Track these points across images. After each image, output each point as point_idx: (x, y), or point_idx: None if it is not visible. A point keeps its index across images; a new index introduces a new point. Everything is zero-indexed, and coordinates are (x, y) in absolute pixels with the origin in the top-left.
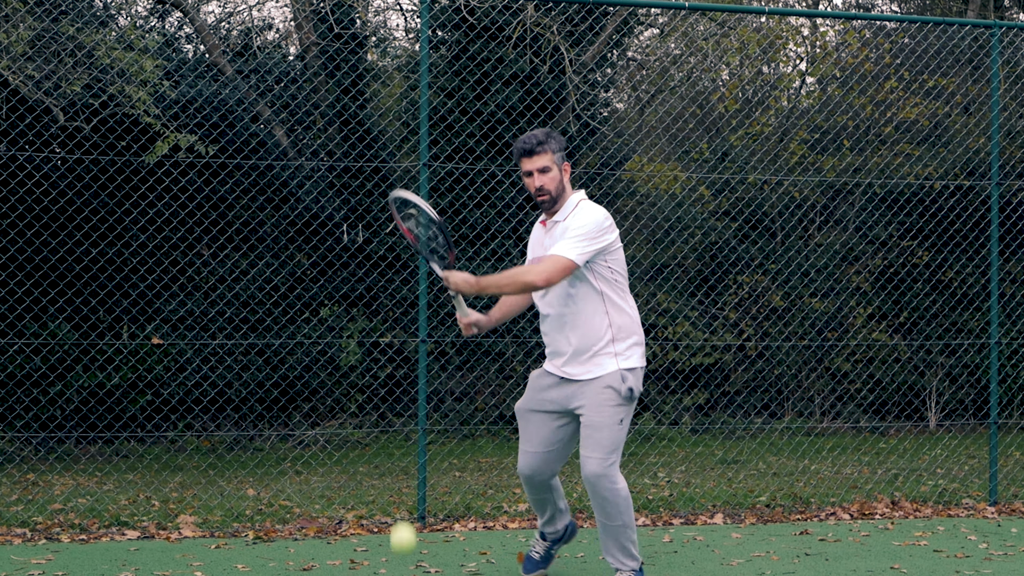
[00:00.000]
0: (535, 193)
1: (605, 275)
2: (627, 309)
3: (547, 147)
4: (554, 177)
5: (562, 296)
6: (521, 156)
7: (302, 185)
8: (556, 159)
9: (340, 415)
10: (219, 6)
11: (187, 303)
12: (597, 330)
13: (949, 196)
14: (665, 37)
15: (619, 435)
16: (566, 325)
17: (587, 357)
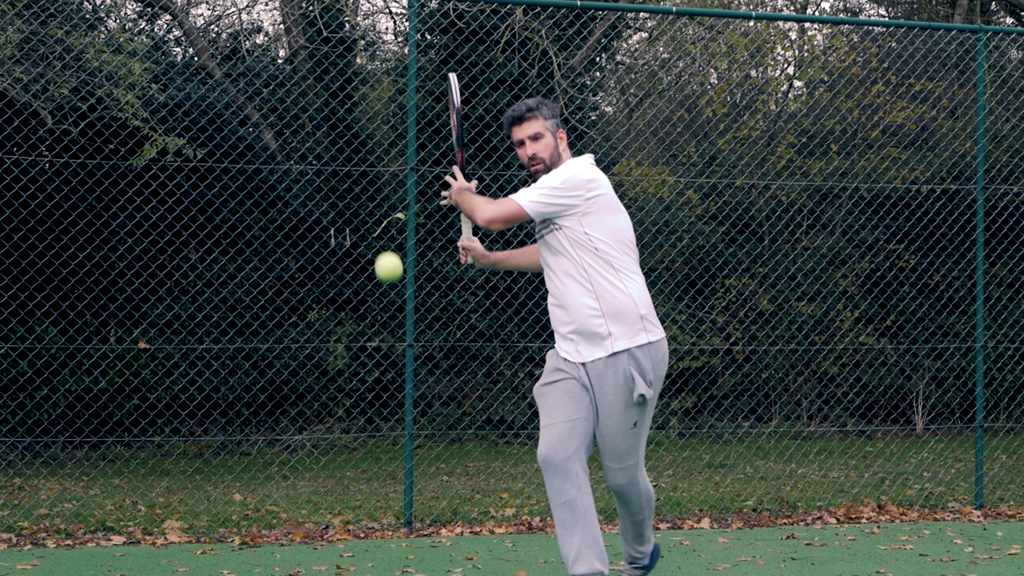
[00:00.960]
0: (528, 162)
1: (583, 243)
2: (622, 288)
3: (538, 112)
4: (548, 144)
5: (547, 267)
6: (511, 125)
7: (290, 189)
8: (549, 125)
9: (328, 419)
10: (208, 9)
11: (174, 307)
12: (585, 310)
13: (935, 200)
14: (653, 41)
15: (635, 439)
16: (555, 300)
17: (582, 337)
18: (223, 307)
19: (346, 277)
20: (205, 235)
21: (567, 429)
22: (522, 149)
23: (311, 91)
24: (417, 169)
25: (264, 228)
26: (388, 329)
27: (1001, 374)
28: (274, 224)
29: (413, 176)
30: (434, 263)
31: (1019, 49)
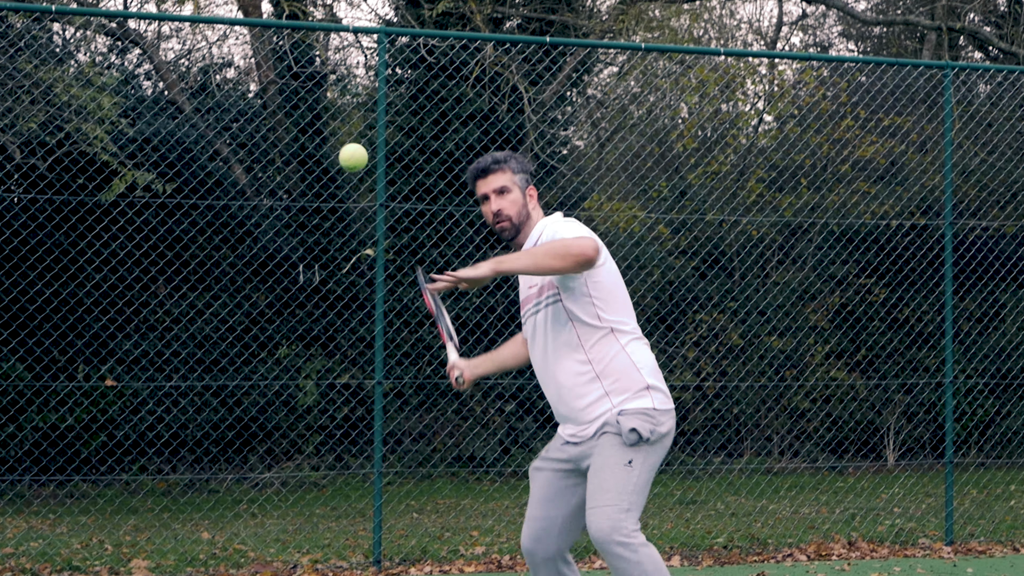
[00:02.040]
0: (492, 219)
1: (586, 310)
2: (624, 352)
3: (505, 165)
4: (515, 200)
5: (541, 347)
6: (475, 178)
7: (259, 224)
8: (518, 180)
9: (297, 456)
10: (179, 43)
11: (142, 343)
12: (581, 380)
13: (905, 234)
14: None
15: (628, 479)
16: (552, 384)
17: (583, 420)
18: (191, 343)
19: (315, 313)
20: (174, 271)
21: (546, 528)
22: (486, 205)
23: (281, 126)
24: (386, 205)
25: (233, 264)
26: (358, 365)
27: (971, 408)
28: (243, 260)
29: (383, 212)
30: (404, 299)
31: (987, 83)
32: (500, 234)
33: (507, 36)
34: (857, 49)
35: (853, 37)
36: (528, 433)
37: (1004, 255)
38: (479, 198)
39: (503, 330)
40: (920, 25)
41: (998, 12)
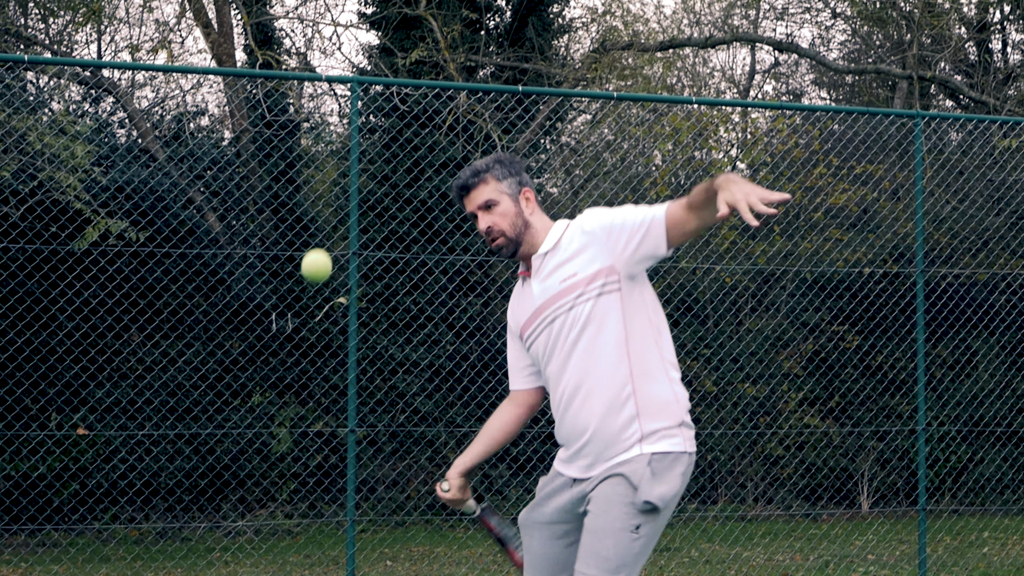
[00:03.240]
0: (485, 238)
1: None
2: (665, 373)
3: (488, 175)
4: (506, 211)
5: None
6: (459, 197)
7: (233, 272)
8: (505, 188)
9: (270, 504)
10: (152, 91)
11: (114, 392)
12: (618, 395)
13: (877, 282)
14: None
15: (631, 548)
16: (577, 398)
17: (602, 444)
18: (164, 391)
19: (288, 361)
20: (147, 319)
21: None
22: (477, 222)
23: (254, 174)
24: (359, 253)
25: (206, 312)
26: (331, 413)
27: (945, 455)
28: (216, 308)
29: (355, 260)
30: (377, 347)
31: (958, 132)
32: (497, 252)
33: (480, 85)
34: (829, 97)
35: (825, 85)
36: (502, 480)
37: (976, 302)
38: (468, 216)
39: (476, 378)
40: (891, 74)
41: (968, 62)
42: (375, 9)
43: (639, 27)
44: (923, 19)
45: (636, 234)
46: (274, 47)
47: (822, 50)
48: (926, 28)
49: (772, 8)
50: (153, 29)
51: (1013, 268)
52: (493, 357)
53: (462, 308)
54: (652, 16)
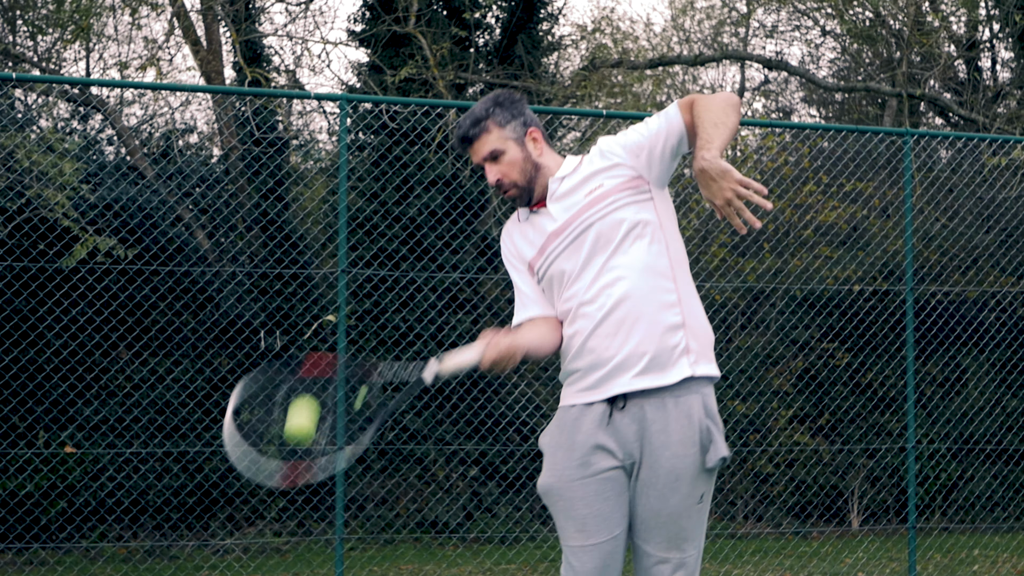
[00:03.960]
0: (495, 190)
1: (670, 213)
2: (696, 297)
3: (488, 123)
4: (513, 159)
5: (602, 250)
6: (462, 148)
7: (221, 289)
8: (509, 133)
9: (259, 522)
10: (141, 109)
11: (101, 411)
12: (663, 317)
13: (867, 299)
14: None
15: (700, 519)
16: (620, 308)
17: (651, 352)
18: (152, 409)
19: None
20: (135, 336)
21: (610, 552)
22: (486, 175)
23: (243, 192)
24: (348, 271)
25: (195, 329)
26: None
27: (935, 472)
28: (204, 325)
29: (344, 278)
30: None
31: (948, 149)
32: (512, 203)
33: (469, 103)
34: (819, 115)
35: (815, 103)
36: (491, 499)
37: (966, 320)
38: (475, 167)
39: (465, 396)
40: (881, 92)
41: (958, 80)
42: (364, 27)
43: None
44: (912, 37)
45: (659, 139)
46: (263, 64)
47: (812, 68)
48: (915, 46)
49: (762, 26)
50: (142, 46)
51: (1003, 286)
52: (482, 375)
53: (451, 326)
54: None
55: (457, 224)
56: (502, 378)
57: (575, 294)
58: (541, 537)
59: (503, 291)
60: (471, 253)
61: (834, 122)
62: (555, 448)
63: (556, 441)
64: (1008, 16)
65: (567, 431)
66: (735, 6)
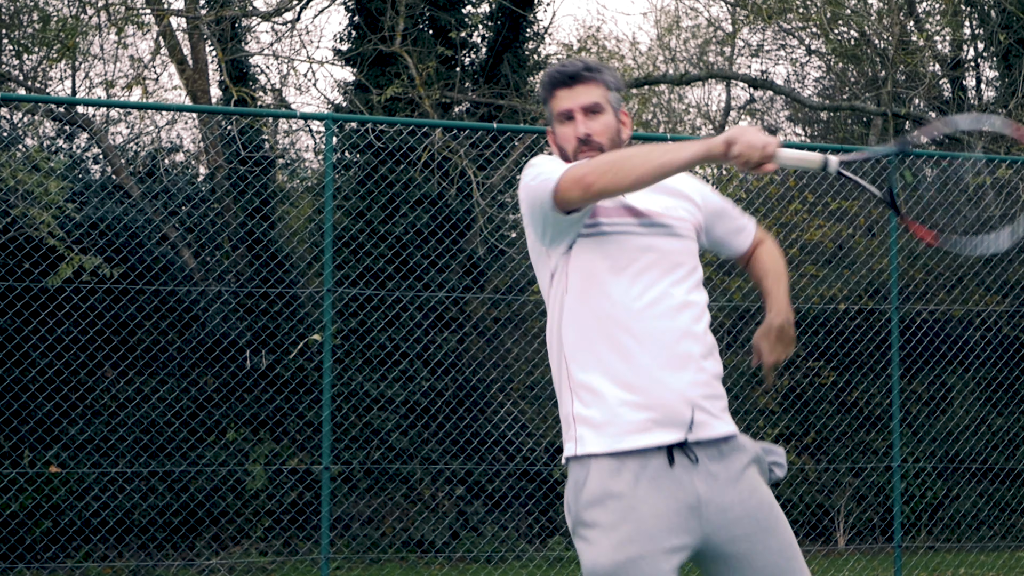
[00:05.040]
0: (576, 146)
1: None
2: None
3: (599, 77)
4: (608, 124)
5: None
6: (554, 87)
7: (207, 308)
8: (612, 100)
9: (244, 542)
10: (127, 127)
11: (86, 430)
12: (712, 355)
13: (852, 318)
14: None
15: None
16: (690, 326)
17: (718, 392)
18: (137, 428)
19: (262, 398)
20: (120, 356)
21: None
22: (567, 126)
23: (229, 211)
24: (333, 290)
25: (180, 348)
26: (305, 450)
27: (920, 491)
28: (190, 344)
29: (329, 298)
30: (351, 383)
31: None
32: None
33: (455, 122)
34: (804, 134)
35: (800, 121)
36: (477, 517)
37: (951, 338)
38: (555, 116)
39: (451, 415)
40: (866, 111)
41: (942, 98)
42: (350, 46)
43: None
44: (897, 56)
45: (730, 223)
46: (249, 83)
47: (797, 87)
48: (900, 65)
49: (747, 45)
50: (128, 65)
51: (988, 304)
52: (468, 394)
53: (437, 344)
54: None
55: (443, 243)
56: (488, 397)
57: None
58: (527, 556)
59: (488, 310)
60: (457, 272)
61: (819, 141)
62: (614, 517)
63: (619, 510)
64: (992, 35)
65: (637, 488)
66: (721, 25)
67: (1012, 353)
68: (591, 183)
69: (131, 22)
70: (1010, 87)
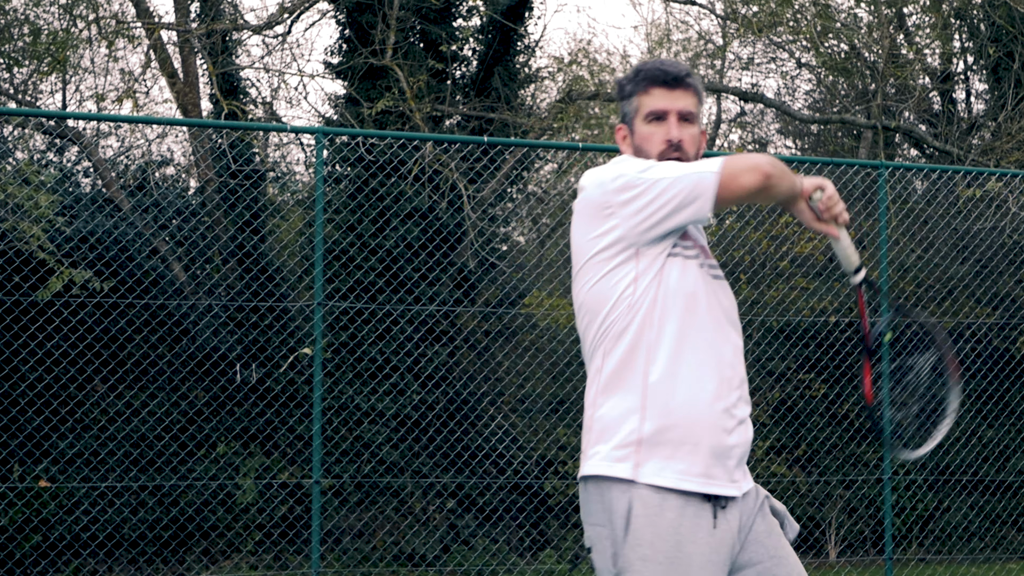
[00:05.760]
0: (665, 148)
1: None
2: None
3: (696, 87)
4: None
5: (717, 306)
6: (652, 84)
7: (197, 322)
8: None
9: (235, 556)
10: (117, 141)
11: (76, 444)
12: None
13: (842, 331)
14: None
15: None
16: (737, 368)
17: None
18: (127, 443)
19: (253, 412)
20: (110, 369)
21: None
22: (656, 126)
23: (219, 224)
24: (324, 304)
25: (171, 362)
26: (296, 463)
27: (911, 503)
28: (180, 358)
29: (320, 311)
30: (342, 397)
31: (923, 181)
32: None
33: (446, 136)
34: (795, 147)
35: (791, 135)
36: (468, 531)
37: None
38: (643, 113)
39: (442, 428)
40: (856, 124)
41: (932, 112)
42: (341, 59)
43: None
44: (887, 69)
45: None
46: (240, 97)
47: (787, 100)
48: (890, 78)
49: (738, 58)
50: (118, 79)
51: (978, 316)
52: (459, 407)
53: (428, 358)
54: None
55: (434, 256)
56: (479, 410)
57: (692, 321)
58: (518, 570)
59: (479, 323)
60: (448, 285)
61: (810, 154)
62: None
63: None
64: (982, 48)
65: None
66: (711, 38)
67: (1002, 365)
68: (769, 174)
69: (121, 35)
70: (999, 100)
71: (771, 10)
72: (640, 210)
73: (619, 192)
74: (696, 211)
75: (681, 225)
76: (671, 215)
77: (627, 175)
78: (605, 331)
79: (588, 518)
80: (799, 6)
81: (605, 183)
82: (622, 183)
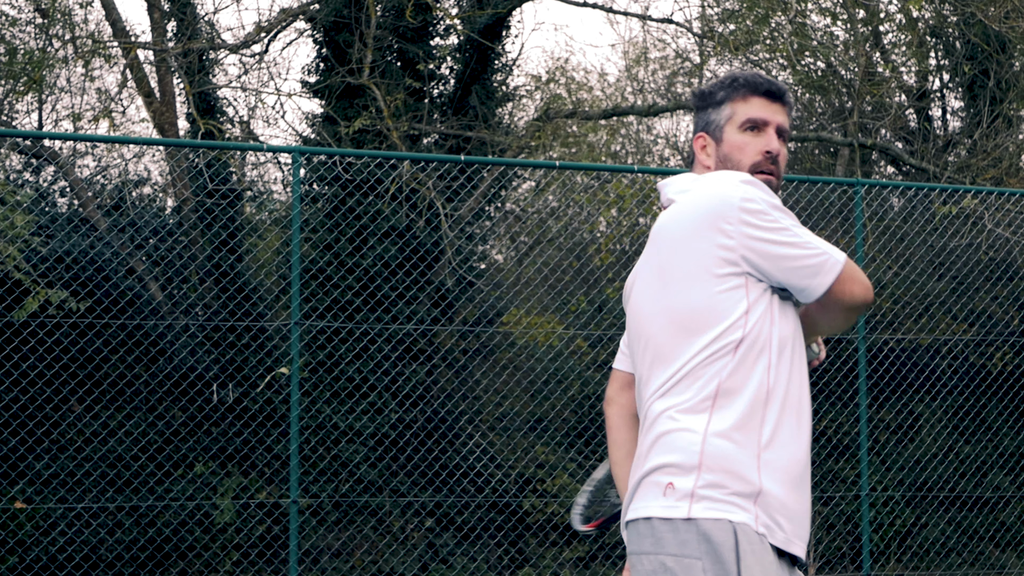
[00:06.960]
0: (762, 160)
1: None
2: None
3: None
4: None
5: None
6: (754, 93)
7: (174, 342)
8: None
9: (213, 575)
10: (94, 160)
11: (52, 465)
12: None
13: None
14: (542, 191)
15: None
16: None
17: None
18: (104, 463)
19: (230, 432)
20: (86, 390)
21: None
22: (752, 136)
23: (196, 244)
24: (301, 323)
25: (147, 382)
26: (274, 483)
27: (889, 519)
28: (157, 378)
29: (297, 330)
30: (320, 416)
31: (899, 198)
32: (766, 185)
33: (423, 155)
34: None
35: None
36: (447, 550)
37: (918, 367)
38: (738, 121)
39: (419, 447)
40: (832, 141)
41: (908, 129)
42: (318, 78)
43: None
44: (864, 87)
45: None
46: (217, 116)
47: None
48: (867, 96)
49: (715, 76)
50: (95, 98)
51: (955, 333)
52: (437, 426)
53: (405, 377)
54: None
55: (411, 275)
56: (456, 428)
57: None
58: None
59: (457, 341)
60: (425, 304)
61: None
62: None
63: None
64: (957, 66)
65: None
66: (688, 57)
67: (979, 382)
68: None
69: (98, 55)
70: (975, 117)
71: (748, 29)
72: (768, 245)
73: (748, 214)
74: (809, 289)
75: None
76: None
77: (760, 202)
78: (714, 353)
79: (666, 548)
80: (776, 25)
81: (731, 197)
82: (755, 208)
